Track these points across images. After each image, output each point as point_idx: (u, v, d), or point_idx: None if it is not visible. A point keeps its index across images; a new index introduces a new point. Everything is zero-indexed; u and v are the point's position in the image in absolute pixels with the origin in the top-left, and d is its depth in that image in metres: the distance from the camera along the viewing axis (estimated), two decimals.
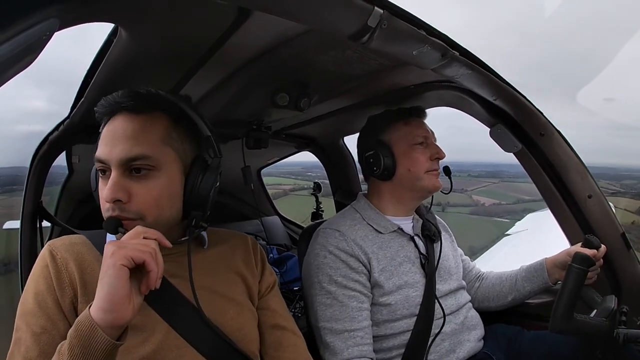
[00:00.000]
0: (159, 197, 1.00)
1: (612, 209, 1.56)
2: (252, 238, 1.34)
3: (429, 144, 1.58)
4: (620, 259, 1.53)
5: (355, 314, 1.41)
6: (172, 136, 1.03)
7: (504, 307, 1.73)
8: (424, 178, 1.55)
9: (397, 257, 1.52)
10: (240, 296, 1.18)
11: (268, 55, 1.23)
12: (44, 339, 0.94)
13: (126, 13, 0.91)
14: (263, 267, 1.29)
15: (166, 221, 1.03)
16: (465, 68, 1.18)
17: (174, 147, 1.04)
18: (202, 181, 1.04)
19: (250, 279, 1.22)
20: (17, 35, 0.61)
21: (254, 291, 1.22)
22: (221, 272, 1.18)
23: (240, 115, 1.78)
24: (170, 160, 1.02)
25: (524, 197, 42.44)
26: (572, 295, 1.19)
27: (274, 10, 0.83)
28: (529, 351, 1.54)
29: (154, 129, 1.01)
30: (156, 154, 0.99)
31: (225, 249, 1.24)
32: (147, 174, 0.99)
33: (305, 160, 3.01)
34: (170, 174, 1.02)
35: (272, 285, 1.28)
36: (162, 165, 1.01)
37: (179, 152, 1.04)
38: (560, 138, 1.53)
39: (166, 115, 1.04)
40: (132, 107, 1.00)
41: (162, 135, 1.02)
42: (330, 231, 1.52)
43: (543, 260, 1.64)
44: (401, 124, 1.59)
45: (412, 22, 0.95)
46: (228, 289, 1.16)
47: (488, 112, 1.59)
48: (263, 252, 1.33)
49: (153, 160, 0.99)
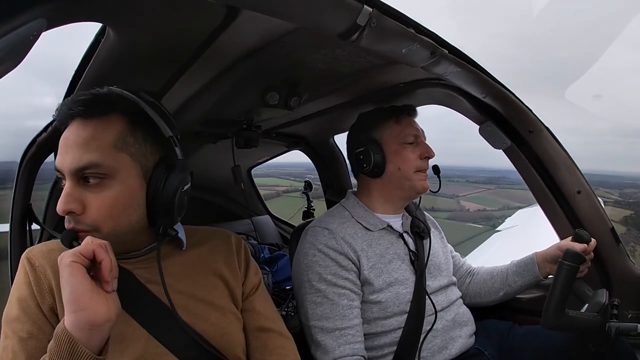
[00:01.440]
0: (113, 206, 0.95)
1: (601, 204, 1.58)
2: (235, 236, 1.28)
3: (419, 143, 1.59)
4: (610, 253, 1.54)
5: (345, 312, 1.41)
6: (128, 140, 0.97)
7: (496, 302, 1.74)
8: (413, 178, 1.56)
9: (387, 254, 1.52)
10: (222, 300, 1.14)
11: (257, 54, 1.23)
12: (31, 344, 0.93)
13: (114, 12, 0.90)
14: (247, 267, 1.24)
15: (125, 231, 0.98)
16: (455, 66, 1.18)
17: (130, 152, 0.97)
18: (165, 185, 0.98)
19: (232, 281, 1.17)
20: (4, 35, 0.60)
21: (237, 293, 1.18)
22: (201, 275, 1.13)
23: (230, 115, 1.77)
24: (125, 167, 0.96)
25: (513, 203, 43.03)
26: (563, 291, 1.20)
27: (262, 9, 0.83)
28: (522, 346, 1.54)
29: (106, 135, 0.95)
30: (107, 161, 0.94)
31: (206, 250, 1.19)
32: (99, 182, 0.94)
33: (308, 162, 3.01)
34: (126, 181, 0.96)
35: (256, 285, 1.23)
36: (116, 173, 0.95)
37: (136, 157, 0.98)
38: (549, 135, 1.54)
39: (122, 118, 0.98)
40: (84, 113, 0.95)
41: (115, 141, 0.95)
42: (319, 229, 1.52)
43: (533, 255, 1.64)
44: (392, 122, 1.59)
45: (401, 21, 0.95)
46: (208, 294, 1.12)
47: (477, 110, 1.60)
48: (248, 251, 1.27)
49: (104, 168, 0.93)
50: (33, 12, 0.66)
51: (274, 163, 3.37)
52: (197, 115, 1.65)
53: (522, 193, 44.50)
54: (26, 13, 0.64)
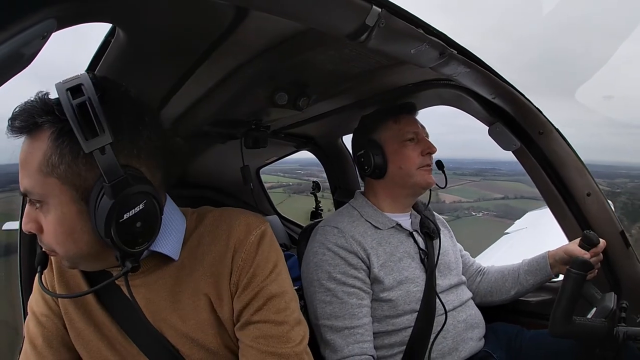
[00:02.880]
0: (56, 233, 0.85)
1: (611, 207, 1.56)
2: (247, 224, 1.03)
3: (420, 140, 1.58)
4: (619, 257, 1.52)
5: (355, 310, 1.41)
6: (53, 161, 0.81)
7: (507, 301, 1.73)
8: (416, 174, 1.55)
9: (397, 252, 1.52)
10: (207, 336, 0.99)
11: (266, 55, 1.23)
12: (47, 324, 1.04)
13: (124, 13, 0.91)
14: (241, 275, 0.98)
15: (78, 256, 0.88)
16: (464, 66, 1.18)
17: (57, 174, 0.81)
18: (97, 215, 0.80)
19: (217, 302, 0.98)
20: (15, 35, 0.61)
21: (225, 319, 0.99)
22: (190, 301, 0.98)
23: (239, 115, 1.78)
24: (54, 194, 0.83)
25: (492, 194, 42.89)
26: (570, 299, 1.19)
27: (271, 10, 0.83)
28: (530, 350, 1.54)
29: (33, 158, 0.82)
30: (36, 188, 0.83)
31: (200, 254, 1.00)
32: (41, 207, 0.85)
33: (302, 158, 3.01)
34: (60, 208, 0.83)
35: (250, 302, 0.98)
36: (48, 199, 0.83)
37: (66, 179, 0.82)
38: (559, 136, 1.53)
39: (46, 133, 0.82)
40: (12, 129, 0.82)
41: (39, 164, 0.82)
42: (329, 228, 1.52)
43: (545, 254, 1.63)
44: (391, 122, 1.59)
45: (410, 21, 0.95)
46: (193, 327, 0.98)
47: (487, 111, 1.59)
48: (262, 245, 1.01)
49: (36, 195, 0.83)
50: (43, 13, 0.66)
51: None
52: (206, 116, 1.66)
53: (505, 184, 44.69)
54: (36, 14, 0.65)
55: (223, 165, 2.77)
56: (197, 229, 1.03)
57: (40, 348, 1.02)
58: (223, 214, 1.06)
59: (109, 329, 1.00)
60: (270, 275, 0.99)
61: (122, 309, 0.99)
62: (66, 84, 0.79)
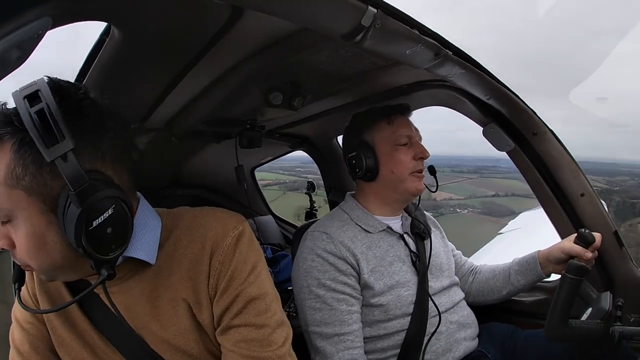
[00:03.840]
0: (27, 248, 0.82)
1: (605, 207, 1.57)
2: (224, 224, 0.99)
3: (413, 144, 1.55)
4: (613, 256, 1.54)
5: (345, 317, 1.40)
6: (17, 173, 0.78)
7: (499, 300, 1.73)
8: (407, 180, 1.53)
9: (387, 256, 1.51)
10: (194, 348, 0.97)
11: (262, 55, 1.23)
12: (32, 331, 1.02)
13: (119, 11, 0.90)
14: (219, 278, 0.95)
15: (52, 267, 0.86)
16: (459, 67, 1.18)
17: (23, 186, 0.78)
18: (66, 224, 0.78)
19: (195, 306, 0.96)
20: (9, 33, 0.60)
21: (205, 322, 0.97)
22: (169, 307, 0.96)
23: (234, 115, 1.77)
24: (22, 206, 0.80)
25: (486, 191, 43.17)
26: (566, 304, 1.19)
27: (267, 9, 0.83)
28: (524, 349, 1.54)
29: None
30: (3, 202, 0.79)
31: (178, 257, 0.97)
32: (10, 222, 0.82)
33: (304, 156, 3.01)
34: (29, 221, 0.80)
35: (228, 305, 0.95)
36: (16, 213, 0.80)
37: (32, 191, 0.79)
38: (553, 137, 1.54)
39: (8, 144, 0.78)
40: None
41: (4, 177, 0.78)
42: (318, 234, 1.51)
43: (535, 254, 1.62)
44: (384, 123, 1.56)
45: (406, 22, 0.95)
46: (179, 337, 0.96)
47: (481, 111, 1.60)
48: (239, 246, 0.98)
49: (4, 210, 0.80)
50: (38, 10, 0.66)
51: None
52: (200, 115, 1.65)
53: (501, 182, 45.07)
54: (31, 11, 0.64)
55: (217, 165, 2.76)
56: (173, 231, 0.99)
57: (27, 354, 1.01)
58: (199, 214, 1.04)
59: (91, 337, 0.99)
60: (249, 277, 0.96)
61: (103, 317, 0.97)
62: (23, 91, 0.76)
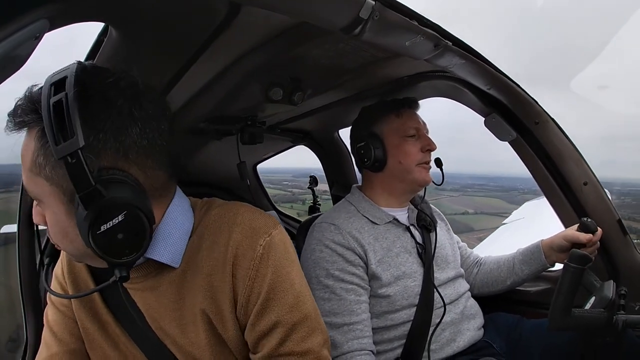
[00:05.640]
0: (54, 232, 0.84)
1: (608, 196, 1.57)
2: (250, 231, 0.92)
3: (421, 136, 1.58)
4: (616, 245, 1.54)
5: (353, 307, 1.41)
6: (39, 162, 0.78)
7: (503, 291, 1.74)
8: (415, 171, 1.55)
9: (394, 247, 1.52)
10: (204, 352, 0.93)
11: (260, 50, 1.23)
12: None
13: (116, 12, 0.90)
14: (263, 309, 0.89)
15: (79, 254, 0.86)
16: (459, 58, 1.18)
17: (45, 175, 0.78)
18: (78, 225, 0.76)
19: (215, 318, 0.92)
20: (7, 37, 0.60)
21: (229, 334, 0.93)
22: (188, 313, 0.92)
23: (234, 111, 1.77)
24: (45, 193, 0.80)
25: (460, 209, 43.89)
26: (569, 293, 1.19)
27: (265, 5, 0.82)
28: (530, 339, 1.55)
29: (26, 155, 0.80)
30: (30, 187, 0.81)
31: (203, 260, 0.92)
32: (40, 204, 0.84)
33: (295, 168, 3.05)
34: (52, 208, 0.81)
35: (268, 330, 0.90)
36: (42, 199, 0.81)
37: (53, 180, 0.78)
38: (555, 126, 1.54)
39: (34, 132, 0.79)
40: (10, 125, 0.79)
41: (30, 164, 0.79)
42: (326, 225, 1.52)
43: (539, 243, 1.64)
44: (393, 116, 1.59)
45: (404, 13, 0.94)
46: (195, 347, 0.93)
47: (482, 102, 1.59)
48: (269, 258, 0.90)
49: (32, 193, 0.82)
50: (35, 14, 0.66)
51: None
52: (201, 112, 1.65)
53: (481, 200, 46.01)
54: (29, 14, 0.64)
55: (219, 162, 2.76)
56: (199, 226, 0.94)
57: (60, 334, 1.03)
58: (227, 210, 0.97)
59: (113, 329, 0.99)
60: (289, 297, 0.90)
61: (125, 310, 0.94)
62: (55, 76, 0.74)
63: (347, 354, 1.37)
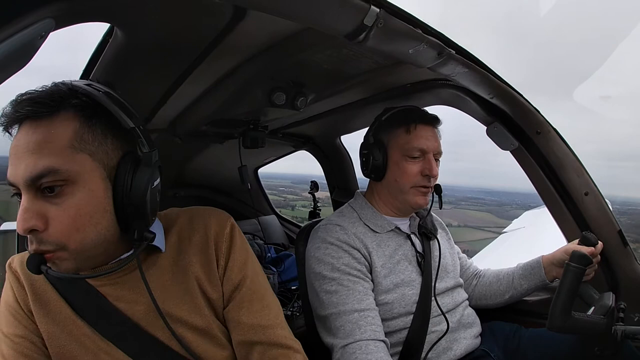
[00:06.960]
0: (78, 217, 0.84)
1: (609, 206, 1.57)
2: (217, 217, 1.10)
3: (425, 159, 1.52)
4: (617, 255, 1.53)
5: (362, 296, 1.38)
6: (85, 138, 0.85)
7: (501, 304, 1.73)
8: (409, 192, 1.52)
9: (395, 255, 1.51)
10: (201, 317, 1.01)
11: (264, 55, 1.23)
12: (24, 345, 0.95)
13: (122, 12, 0.91)
14: (227, 259, 1.06)
15: (94, 243, 0.87)
16: (462, 66, 1.18)
17: (89, 150, 0.85)
18: (133, 184, 0.88)
19: (208, 286, 1.03)
20: (12, 35, 0.61)
21: (215, 299, 1.04)
22: (179, 285, 1.01)
23: (237, 115, 1.78)
24: (86, 169, 0.85)
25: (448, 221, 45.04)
26: (569, 293, 1.19)
27: (269, 9, 0.83)
28: (527, 348, 1.54)
29: (60, 135, 0.83)
30: (66, 164, 0.82)
31: (185, 246, 1.04)
32: (61, 191, 0.83)
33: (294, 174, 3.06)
34: (89, 185, 0.85)
35: (237, 284, 1.05)
36: (77, 177, 0.84)
37: (97, 156, 0.86)
38: (557, 136, 1.54)
39: (76, 113, 0.86)
40: (33, 114, 0.82)
41: (71, 140, 0.84)
42: (331, 226, 1.51)
43: (540, 258, 1.63)
44: (402, 131, 1.53)
45: (409, 21, 0.95)
46: (187, 311, 1.00)
47: (484, 110, 1.59)
48: (234, 235, 1.09)
49: (63, 173, 0.82)
50: (41, 12, 0.66)
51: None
52: (204, 115, 1.66)
53: (473, 214, 46.27)
54: (34, 13, 0.64)
55: (221, 165, 2.77)
56: (173, 227, 1.07)
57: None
58: (193, 211, 1.12)
59: (92, 340, 0.96)
60: (257, 266, 1.12)
61: (96, 313, 0.97)
62: (78, 82, 0.89)
63: (360, 341, 1.31)
